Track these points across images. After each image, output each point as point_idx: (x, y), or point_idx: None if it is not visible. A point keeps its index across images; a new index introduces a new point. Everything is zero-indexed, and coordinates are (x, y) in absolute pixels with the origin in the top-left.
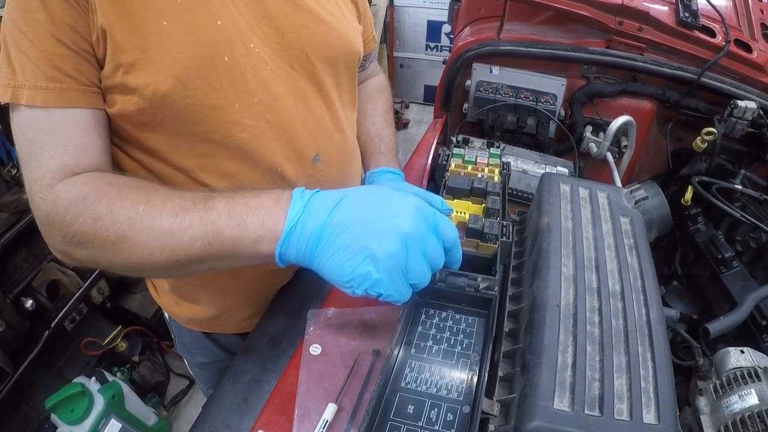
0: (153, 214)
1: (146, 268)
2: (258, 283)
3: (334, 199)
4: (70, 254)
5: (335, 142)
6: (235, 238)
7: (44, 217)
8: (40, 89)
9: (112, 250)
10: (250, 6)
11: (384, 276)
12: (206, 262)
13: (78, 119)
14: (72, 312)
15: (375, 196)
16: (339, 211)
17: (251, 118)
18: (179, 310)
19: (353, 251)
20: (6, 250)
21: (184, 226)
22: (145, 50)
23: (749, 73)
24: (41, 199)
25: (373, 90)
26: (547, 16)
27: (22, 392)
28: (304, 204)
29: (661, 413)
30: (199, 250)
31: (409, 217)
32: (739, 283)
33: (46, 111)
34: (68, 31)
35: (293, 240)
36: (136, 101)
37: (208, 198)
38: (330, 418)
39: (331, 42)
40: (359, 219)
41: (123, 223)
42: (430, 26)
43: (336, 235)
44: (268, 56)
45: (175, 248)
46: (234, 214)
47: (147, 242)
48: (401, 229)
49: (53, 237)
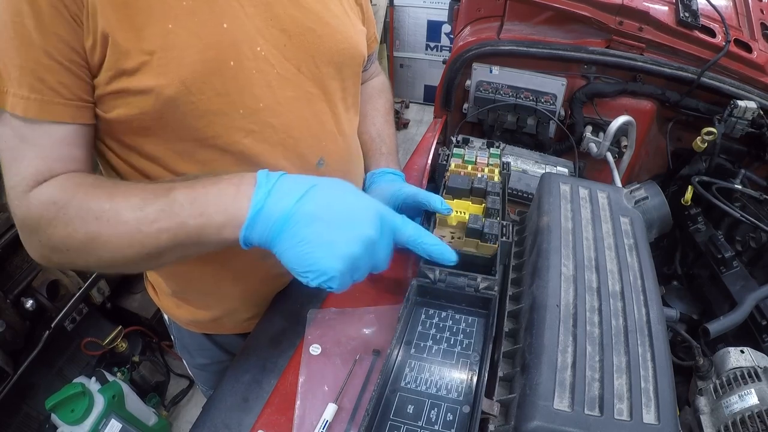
0: (118, 211)
1: (120, 264)
2: (260, 287)
3: (302, 187)
4: (48, 257)
5: (339, 145)
6: (199, 227)
7: (20, 223)
8: (21, 98)
9: (85, 251)
10: (257, 8)
11: (339, 274)
12: (176, 251)
13: (59, 133)
14: (72, 312)
15: (342, 194)
16: (306, 201)
17: (256, 123)
18: (179, 313)
19: (316, 246)
20: (6, 250)
21: (150, 219)
22: (150, 53)
23: (749, 73)
24: (17, 206)
25: (373, 91)
26: (547, 16)
27: (22, 392)
28: (269, 188)
29: (661, 413)
30: (166, 242)
31: (372, 222)
32: (739, 283)
33: (28, 121)
34: (56, 42)
35: (258, 224)
36: (138, 105)
37: (170, 189)
38: (330, 418)
39: (337, 45)
40: (326, 214)
41: (91, 223)
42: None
43: (301, 226)
44: (275, 59)
45: (143, 242)
46: (196, 203)
47: (116, 239)
48: (365, 233)
49: (31, 242)
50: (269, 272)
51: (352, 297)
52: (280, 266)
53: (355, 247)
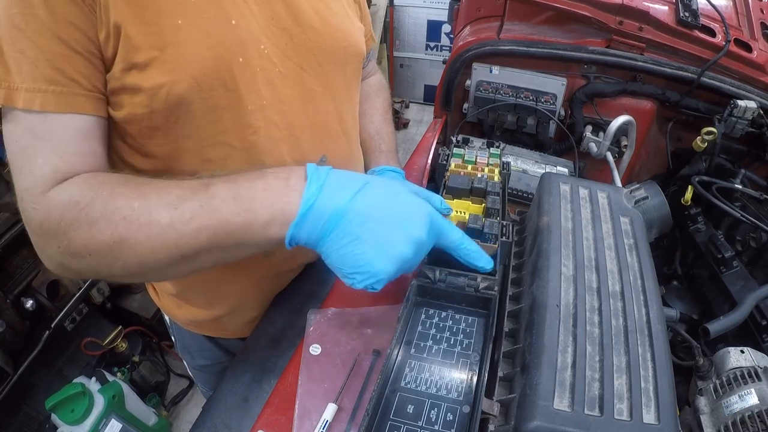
0: (149, 209)
1: (150, 269)
2: (262, 286)
3: (355, 184)
4: (67, 266)
5: (341, 143)
6: (243, 224)
7: (38, 227)
8: (38, 92)
9: (111, 255)
10: (260, 6)
11: (388, 276)
12: (213, 254)
13: (78, 125)
14: (72, 312)
15: (395, 193)
16: (360, 199)
17: (261, 120)
18: (180, 313)
19: (370, 246)
20: (6, 250)
21: (186, 217)
22: (161, 49)
23: (749, 72)
24: (33, 209)
25: (371, 89)
26: (547, 16)
27: (22, 392)
28: (321, 183)
29: (661, 413)
30: (204, 242)
31: (425, 224)
32: (739, 283)
33: (43, 116)
34: (72, 30)
35: (308, 221)
36: (147, 103)
37: (209, 184)
38: (330, 418)
39: (339, 43)
40: (380, 215)
41: (119, 223)
42: (430, 26)
43: (355, 224)
44: (277, 57)
45: (179, 242)
46: (239, 199)
47: (147, 241)
48: (418, 237)
49: (48, 248)
50: (271, 270)
51: (352, 297)
52: (281, 264)
53: (408, 249)
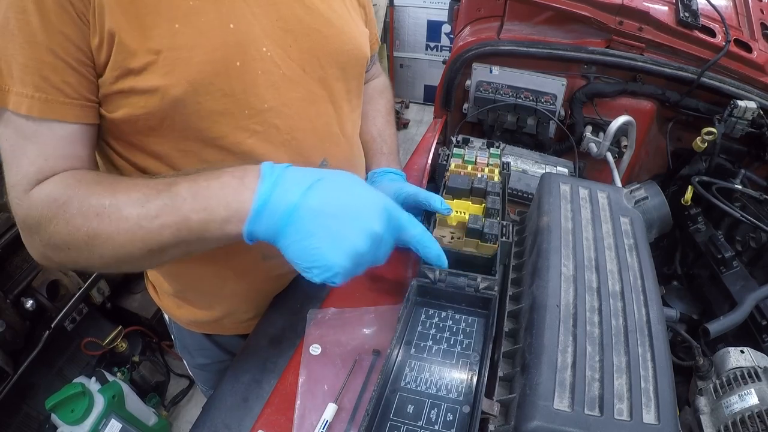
0: (119, 206)
1: (123, 261)
2: (261, 287)
3: (308, 179)
4: (49, 257)
5: (342, 147)
6: (202, 222)
7: (21, 222)
8: (25, 97)
9: (87, 249)
10: (263, 8)
11: (344, 270)
12: (179, 247)
13: (62, 132)
14: (72, 312)
15: (349, 187)
16: (313, 194)
17: (260, 124)
18: (180, 313)
19: (322, 241)
20: (6, 250)
21: (151, 215)
22: (157, 53)
23: (749, 73)
24: (17, 205)
25: (374, 92)
26: (547, 16)
27: (22, 392)
28: (274, 180)
29: (661, 413)
30: (169, 238)
31: (381, 217)
32: (739, 283)
33: (30, 119)
34: (62, 40)
35: (263, 218)
36: (143, 105)
37: (172, 184)
38: (330, 418)
39: (342, 46)
40: (332, 209)
41: (92, 219)
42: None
43: (307, 220)
44: (280, 59)
45: (145, 238)
46: (198, 197)
47: (117, 236)
48: (372, 229)
49: (32, 242)
50: (270, 273)
51: (352, 297)
52: (281, 267)
53: (361, 242)
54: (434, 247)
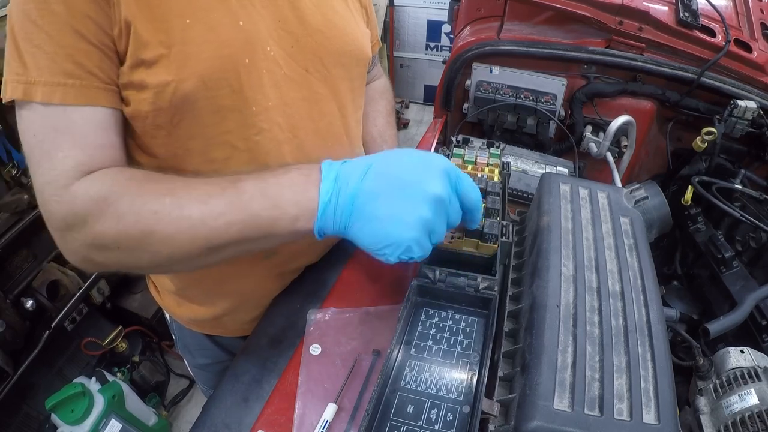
0: (180, 204)
1: (176, 261)
2: (262, 285)
3: (362, 167)
4: (91, 258)
5: (344, 146)
6: (272, 219)
7: (61, 221)
8: (58, 86)
9: (140, 248)
10: (268, 8)
11: (415, 242)
12: (241, 245)
13: (98, 118)
14: (72, 312)
15: (402, 159)
16: (368, 180)
17: (266, 121)
18: (181, 311)
19: (386, 220)
20: (6, 250)
21: (216, 212)
22: (169, 47)
23: (749, 72)
24: (56, 202)
25: (375, 93)
26: (547, 16)
27: (22, 392)
28: (334, 176)
29: (661, 413)
30: (234, 235)
31: (437, 180)
32: (739, 283)
33: (62, 109)
34: (89, 24)
35: (328, 214)
36: (153, 100)
37: (237, 181)
38: (330, 418)
39: (345, 47)
40: (389, 186)
41: (149, 217)
42: (430, 26)
43: (367, 204)
44: (282, 60)
45: (209, 236)
46: (267, 194)
47: (177, 234)
48: (430, 193)
49: (72, 242)
50: (272, 271)
51: (352, 297)
52: (282, 265)
53: (424, 210)
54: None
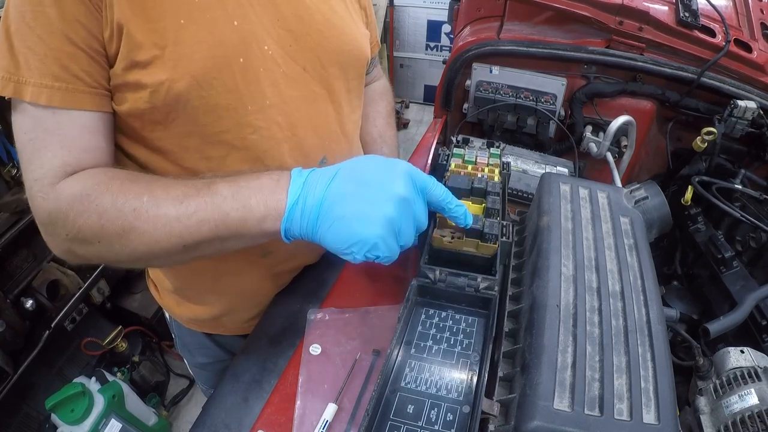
0: (158, 203)
1: (154, 256)
2: (260, 285)
3: (330, 173)
4: (74, 251)
5: (341, 145)
6: (241, 219)
7: (46, 216)
8: (45, 87)
9: (119, 243)
10: (265, 7)
11: (381, 240)
12: (214, 244)
13: (83, 121)
14: (72, 312)
15: (367, 164)
16: (335, 183)
17: (263, 120)
18: (180, 311)
19: (351, 219)
20: (6, 250)
21: (190, 211)
22: (162, 47)
23: (749, 72)
24: (42, 198)
25: (375, 94)
26: (547, 16)
27: (22, 392)
28: (303, 181)
29: (661, 413)
30: (206, 233)
31: (401, 181)
32: (739, 283)
33: (51, 111)
34: (79, 29)
35: (295, 215)
36: (148, 99)
37: (211, 183)
38: (330, 418)
39: (343, 46)
40: (354, 188)
41: (128, 214)
42: (430, 26)
43: (334, 206)
44: (281, 58)
45: (183, 233)
46: (238, 196)
47: (154, 231)
48: (395, 193)
49: (56, 236)
50: (270, 270)
51: (352, 297)
52: (280, 264)
53: (387, 207)
54: (458, 205)
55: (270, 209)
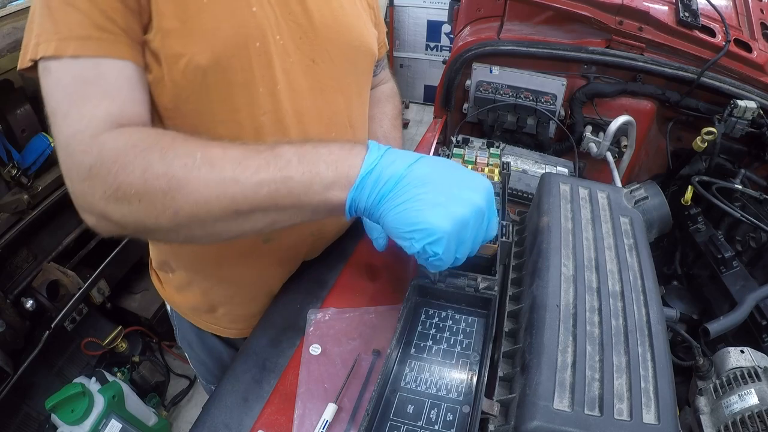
0: (212, 160)
1: (199, 221)
2: (259, 274)
3: (411, 155)
4: (108, 215)
5: (348, 137)
6: (306, 183)
7: (86, 171)
8: (91, 39)
9: (162, 203)
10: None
11: (447, 237)
12: (269, 215)
13: (128, 72)
14: (72, 312)
15: (453, 164)
16: (417, 167)
17: (272, 103)
18: (180, 299)
19: (426, 204)
20: (6, 250)
21: (249, 171)
22: (184, 21)
23: (749, 72)
24: (83, 152)
25: (382, 96)
26: (547, 16)
27: (22, 392)
28: (381, 153)
29: (661, 413)
30: (264, 197)
31: (483, 193)
32: (739, 283)
33: (94, 61)
34: None
35: (368, 184)
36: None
37: (275, 146)
38: (330, 418)
39: (352, 42)
40: (438, 178)
41: (178, 170)
42: (430, 26)
43: (412, 186)
44: (291, 49)
45: (236, 195)
46: (304, 160)
47: (205, 190)
48: (475, 201)
49: (93, 194)
50: (271, 257)
51: (352, 297)
52: (281, 251)
53: (465, 209)
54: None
55: (340, 175)
